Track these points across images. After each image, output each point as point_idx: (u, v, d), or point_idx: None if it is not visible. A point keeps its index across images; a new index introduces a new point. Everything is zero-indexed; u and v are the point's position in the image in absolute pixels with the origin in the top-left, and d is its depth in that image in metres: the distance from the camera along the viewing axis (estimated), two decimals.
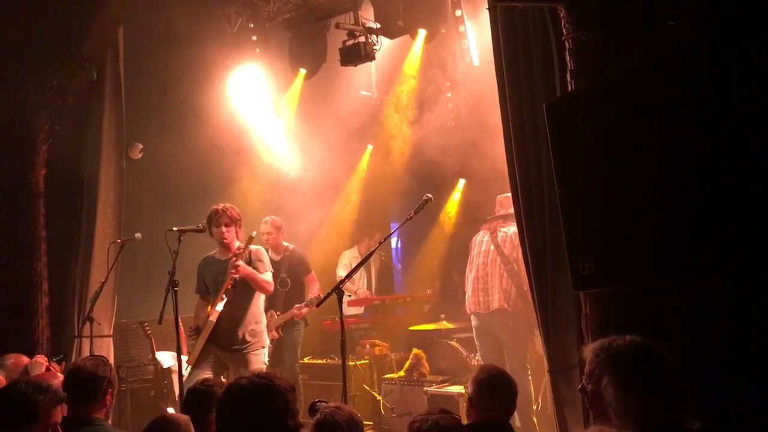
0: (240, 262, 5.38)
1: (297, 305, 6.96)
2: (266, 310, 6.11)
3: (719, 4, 3.25)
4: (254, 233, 5.58)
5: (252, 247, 5.60)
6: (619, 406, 2.07)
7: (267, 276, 5.59)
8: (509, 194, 6.13)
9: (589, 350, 2.24)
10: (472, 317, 6.39)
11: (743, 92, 2.93)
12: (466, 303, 6.44)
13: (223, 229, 5.51)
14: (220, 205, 5.59)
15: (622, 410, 2.06)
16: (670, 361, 2.15)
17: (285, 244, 7.17)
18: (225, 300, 5.46)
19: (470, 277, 6.43)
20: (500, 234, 6.28)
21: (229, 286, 5.43)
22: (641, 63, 3.39)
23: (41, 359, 4.60)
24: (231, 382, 2.34)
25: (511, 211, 6.07)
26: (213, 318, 5.42)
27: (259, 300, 5.70)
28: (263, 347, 5.62)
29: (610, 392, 2.11)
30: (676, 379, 2.12)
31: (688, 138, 3.03)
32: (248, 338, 5.51)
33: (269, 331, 6.31)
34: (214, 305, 5.45)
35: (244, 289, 5.53)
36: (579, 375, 4.10)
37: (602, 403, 2.12)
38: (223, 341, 5.50)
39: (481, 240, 6.46)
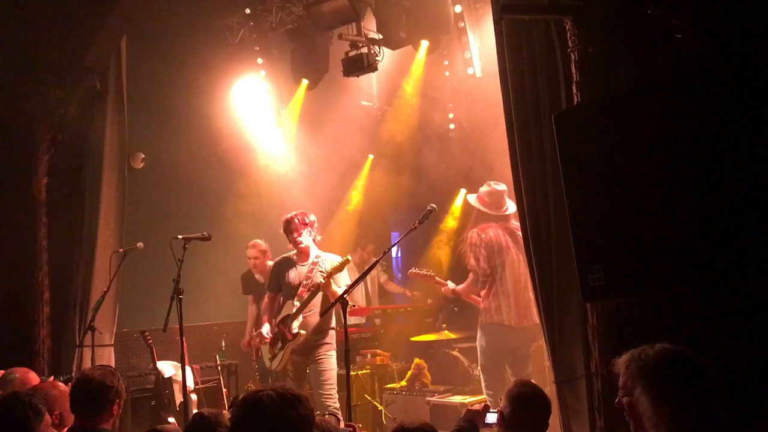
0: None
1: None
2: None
3: (726, 17, 3.27)
4: (349, 257, 5.65)
5: (328, 255, 5.83)
6: (653, 415, 2.06)
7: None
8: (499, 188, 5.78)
9: (621, 363, 2.23)
10: (497, 329, 5.54)
11: (751, 103, 2.95)
12: (504, 315, 5.52)
13: (295, 235, 5.76)
14: (291, 215, 5.82)
15: (657, 419, 2.05)
16: (704, 365, 2.12)
17: (270, 264, 6.82)
18: (305, 306, 5.67)
19: (507, 282, 5.55)
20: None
21: (304, 294, 5.67)
22: (649, 74, 3.41)
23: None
24: (247, 395, 2.32)
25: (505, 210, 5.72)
26: (300, 329, 5.64)
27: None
28: (334, 350, 5.83)
29: (643, 402, 2.10)
30: (709, 383, 2.09)
31: (697, 148, 3.04)
32: (323, 341, 5.74)
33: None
34: (296, 316, 5.64)
35: (323, 295, 5.71)
36: (585, 385, 4.11)
37: (639, 415, 2.12)
38: (302, 346, 5.70)
39: (499, 238, 5.59)
